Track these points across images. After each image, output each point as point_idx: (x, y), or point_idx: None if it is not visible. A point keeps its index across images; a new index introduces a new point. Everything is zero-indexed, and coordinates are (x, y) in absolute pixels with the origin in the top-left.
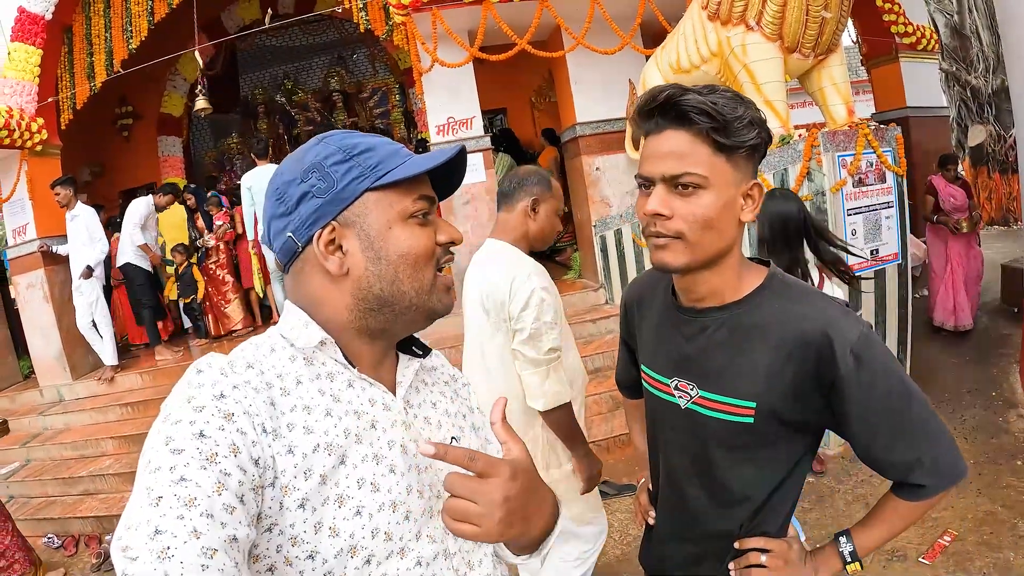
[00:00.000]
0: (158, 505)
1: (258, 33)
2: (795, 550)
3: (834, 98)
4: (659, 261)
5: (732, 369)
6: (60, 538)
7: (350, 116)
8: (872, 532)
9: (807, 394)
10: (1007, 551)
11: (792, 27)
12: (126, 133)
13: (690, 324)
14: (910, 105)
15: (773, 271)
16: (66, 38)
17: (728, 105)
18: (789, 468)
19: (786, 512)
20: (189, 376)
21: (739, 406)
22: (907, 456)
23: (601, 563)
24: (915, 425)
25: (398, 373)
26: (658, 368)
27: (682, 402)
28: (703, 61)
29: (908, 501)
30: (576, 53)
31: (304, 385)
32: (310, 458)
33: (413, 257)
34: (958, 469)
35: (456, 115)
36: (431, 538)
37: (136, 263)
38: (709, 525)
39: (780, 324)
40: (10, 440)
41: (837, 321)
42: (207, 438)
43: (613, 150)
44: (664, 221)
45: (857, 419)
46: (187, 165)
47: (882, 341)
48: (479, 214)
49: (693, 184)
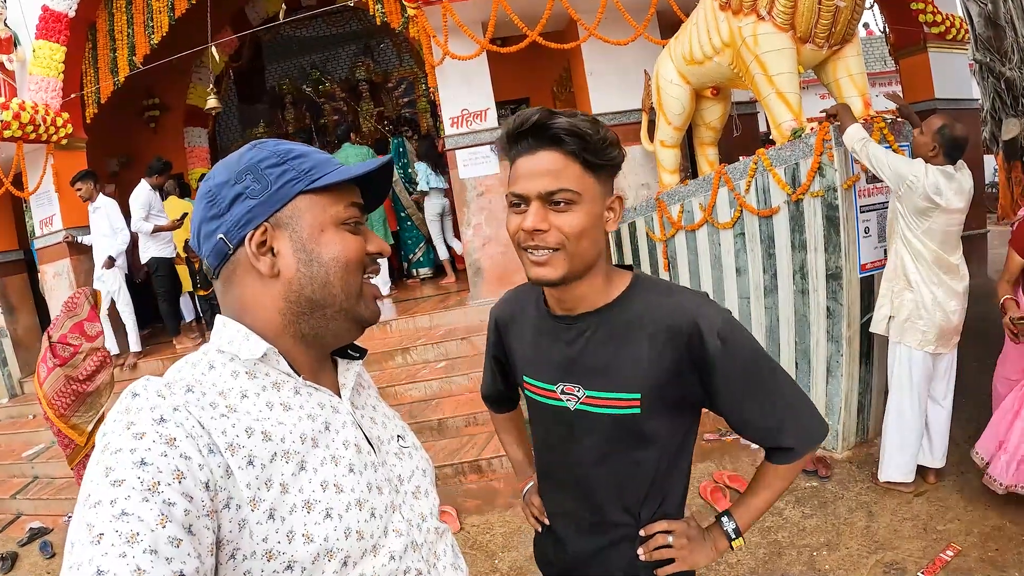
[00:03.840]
0: (100, 543)
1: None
2: (693, 528)
3: (850, 90)
4: (538, 276)
5: (615, 364)
6: None
7: (376, 106)
8: (753, 501)
9: (684, 375)
10: (1011, 570)
11: (805, 16)
12: (153, 124)
13: (568, 330)
14: (939, 97)
15: (638, 274)
16: (89, 34)
17: (592, 127)
18: (679, 443)
19: (681, 492)
20: (125, 401)
21: (626, 399)
22: (771, 422)
23: None
24: (776, 393)
25: (339, 376)
26: (541, 376)
27: (571, 404)
28: (715, 52)
29: (780, 464)
30: (590, 44)
31: (250, 399)
32: (269, 468)
33: (344, 261)
34: (819, 428)
35: (470, 107)
36: (398, 532)
37: (159, 255)
38: (614, 514)
39: (652, 317)
40: (35, 423)
41: (703, 309)
42: (149, 466)
43: (628, 142)
44: (543, 235)
45: (726, 392)
46: (213, 155)
47: (742, 325)
48: (493, 205)
49: (567, 200)
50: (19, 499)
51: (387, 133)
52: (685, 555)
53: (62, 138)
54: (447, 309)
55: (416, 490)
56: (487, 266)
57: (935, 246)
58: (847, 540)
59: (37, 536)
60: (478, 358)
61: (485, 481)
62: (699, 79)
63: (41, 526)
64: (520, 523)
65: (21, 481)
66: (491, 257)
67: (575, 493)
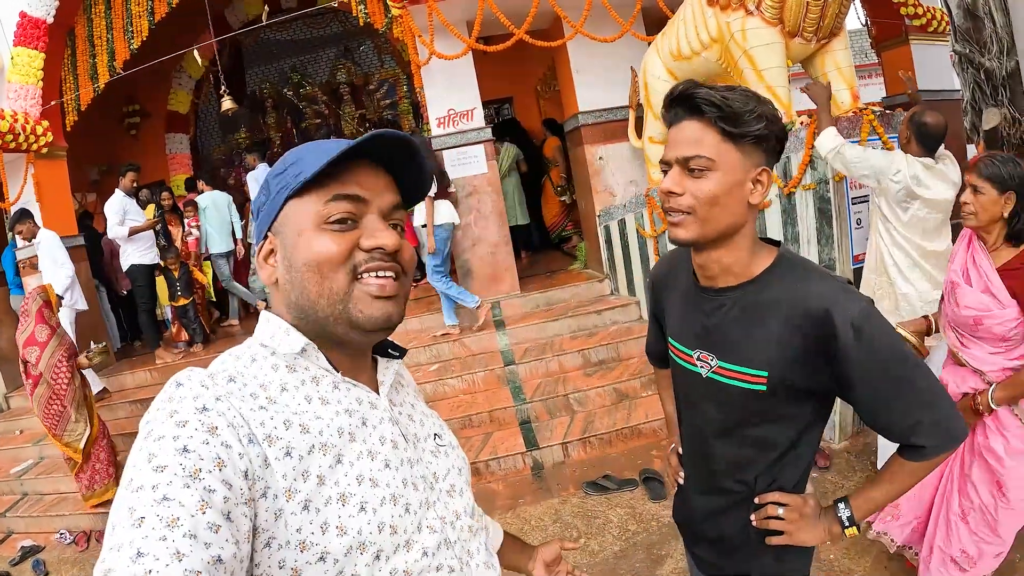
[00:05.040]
0: (140, 526)
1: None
2: (810, 506)
3: (838, 83)
4: (673, 235)
5: (746, 342)
6: (72, 534)
7: (358, 108)
8: (874, 493)
9: (813, 363)
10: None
11: (793, 11)
12: (134, 131)
13: (709, 302)
14: (921, 88)
15: (783, 252)
16: (68, 40)
17: (739, 100)
18: (800, 429)
19: (801, 471)
20: (169, 390)
21: (753, 375)
22: (907, 419)
23: (599, 559)
24: (913, 390)
25: (379, 373)
26: (683, 340)
27: (703, 371)
28: (704, 48)
29: (911, 462)
30: (576, 42)
31: (289, 392)
32: (306, 460)
33: (315, 264)
34: (958, 430)
35: (456, 107)
36: (431, 528)
37: (139, 262)
38: (731, 480)
39: (788, 302)
40: (23, 439)
41: (837, 297)
42: (191, 453)
43: (616, 139)
44: (676, 198)
45: (859, 385)
46: (195, 162)
47: (882, 316)
48: (482, 205)
49: (701, 167)
50: (9, 517)
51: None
52: (793, 530)
53: (42, 147)
54: (438, 311)
55: (451, 488)
56: (476, 266)
57: (918, 238)
58: None
59: (29, 555)
60: (471, 360)
61: (484, 483)
62: (687, 75)
63: (33, 544)
64: (522, 525)
65: (10, 499)
66: (480, 258)
67: (699, 456)
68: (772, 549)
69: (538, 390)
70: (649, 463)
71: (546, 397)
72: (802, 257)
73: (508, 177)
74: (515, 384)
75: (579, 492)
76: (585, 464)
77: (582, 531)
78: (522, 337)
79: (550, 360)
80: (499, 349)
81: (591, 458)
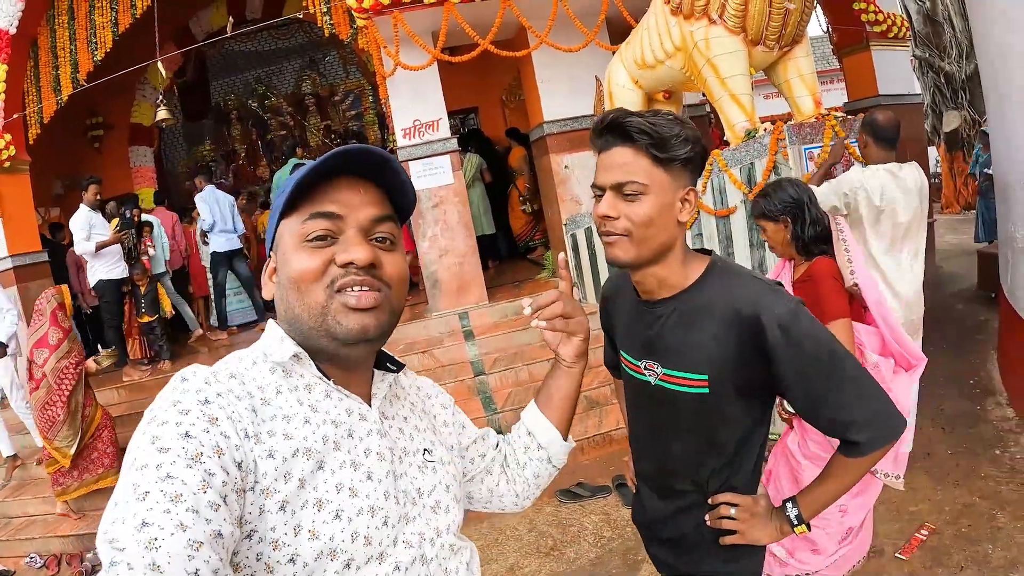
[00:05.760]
0: (144, 500)
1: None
2: (761, 506)
3: (800, 90)
4: (611, 256)
5: (685, 347)
6: (42, 557)
7: (324, 119)
8: (818, 491)
9: (749, 362)
10: (985, 544)
11: (755, 20)
12: (97, 144)
13: (649, 313)
14: (882, 93)
15: (714, 259)
16: (31, 52)
17: (667, 125)
18: (747, 429)
19: (750, 469)
20: (174, 383)
21: (695, 379)
22: (841, 415)
23: (576, 566)
24: (845, 386)
25: (373, 386)
26: (631, 352)
27: (651, 379)
28: (667, 56)
29: (850, 458)
30: (541, 52)
31: (283, 395)
32: (289, 462)
33: (295, 281)
34: (894, 425)
35: (422, 117)
36: (407, 543)
37: (107, 277)
38: (684, 482)
39: (720, 305)
40: None
41: (766, 299)
42: (193, 438)
43: (581, 148)
44: (613, 222)
45: (792, 383)
46: (159, 174)
47: (811, 314)
48: (448, 216)
49: (635, 191)
50: None
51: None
52: (745, 529)
53: (4, 160)
54: (405, 323)
55: (436, 505)
56: (444, 278)
57: (878, 250)
58: None
59: None
60: (440, 371)
61: None
62: (651, 83)
63: (3, 569)
64: (496, 535)
65: None
66: (448, 268)
67: (652, 460)
68: (725, 549)
69: (509, 399)
70: (621, 469)
71: (517, 407)
72: (733, 262)
73: (472, 187)
74: (485, 394)
75: (553, 500)
76: None
77: (557, 539)
78: (491, 347)
79: (520, 369)
80: (468, 359)
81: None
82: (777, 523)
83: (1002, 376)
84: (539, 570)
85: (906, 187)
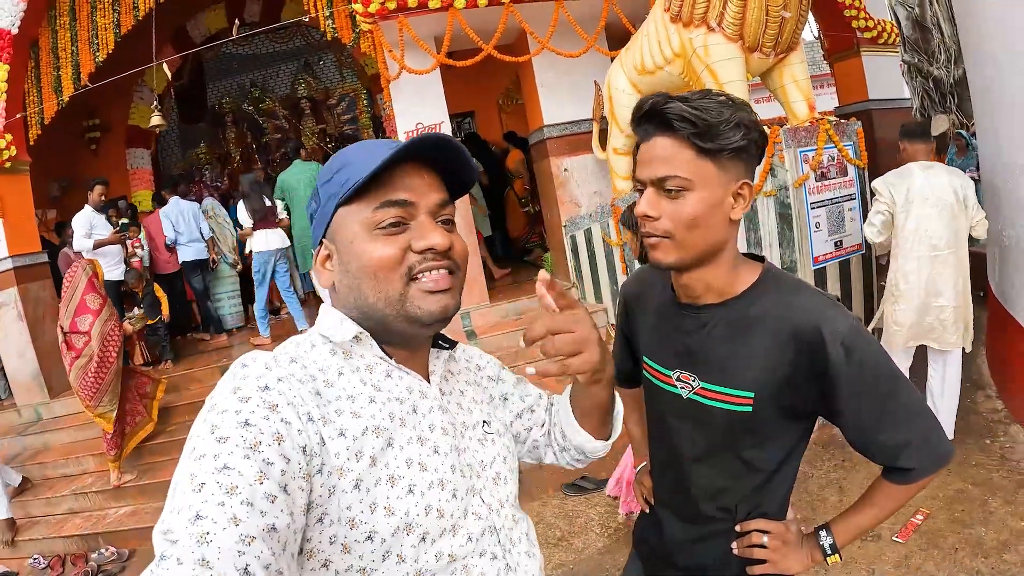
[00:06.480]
0: (200, 491)
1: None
2: (793, 532)
3: (795, 95)
4: (653, 259)
5: (732, 362)
6: (46, 558)
7: (318, 123)
8: (857, 518)
9: (801, 382)
10: (978, 527)
11: (752, 27)
12: (94, 146)
13: (690, 320)
14: (872, 98)
15: (768, 267)
16: (32, 53)
17: (714, 110)
18: (786, 452)
19: (783, 494)
20: (234, 370)
21: (739, 396)
22: (894, 440)
23: (585, 556)
24: (901, 411)
25: (430, 364)
26: (660, 360)
27: (684, 392)
28: (667, 62)
29: (897, 484)
30: (542, 56)
31: (346, 376)
32: (360, 440)
33: (372, 269)
34: (944, 451)
35: (424, 120)
36: (477, 515)
37: (106, 278)
38: (710, 507)
39: (775, 317)
40: None
41: (827, 314)
42: (252, 427)
43: (580, 151)
44: (653, 222)
45: (847, 406)
46: (156, 177)
47: (870, 335)
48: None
49: (677, 187)
50: None
51: (331, 151)
52: (777, 559)
53: (5, 161)
54: None
55: (496, 476)
56: None
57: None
58: (822, 515)
59: None
60: None
61: None
62: (650, 88)
63: (6, 570)
64: None
65: None
66: None
67: (675, 482)
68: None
69: None
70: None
71: None
72: (788, 273)
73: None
74: None
75: (558, 493)
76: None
77: (565, 531)
78: (494, 346)
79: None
80: None
81: None
82: (808, 550)
83: (990, 370)
84: (548, 560)
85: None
